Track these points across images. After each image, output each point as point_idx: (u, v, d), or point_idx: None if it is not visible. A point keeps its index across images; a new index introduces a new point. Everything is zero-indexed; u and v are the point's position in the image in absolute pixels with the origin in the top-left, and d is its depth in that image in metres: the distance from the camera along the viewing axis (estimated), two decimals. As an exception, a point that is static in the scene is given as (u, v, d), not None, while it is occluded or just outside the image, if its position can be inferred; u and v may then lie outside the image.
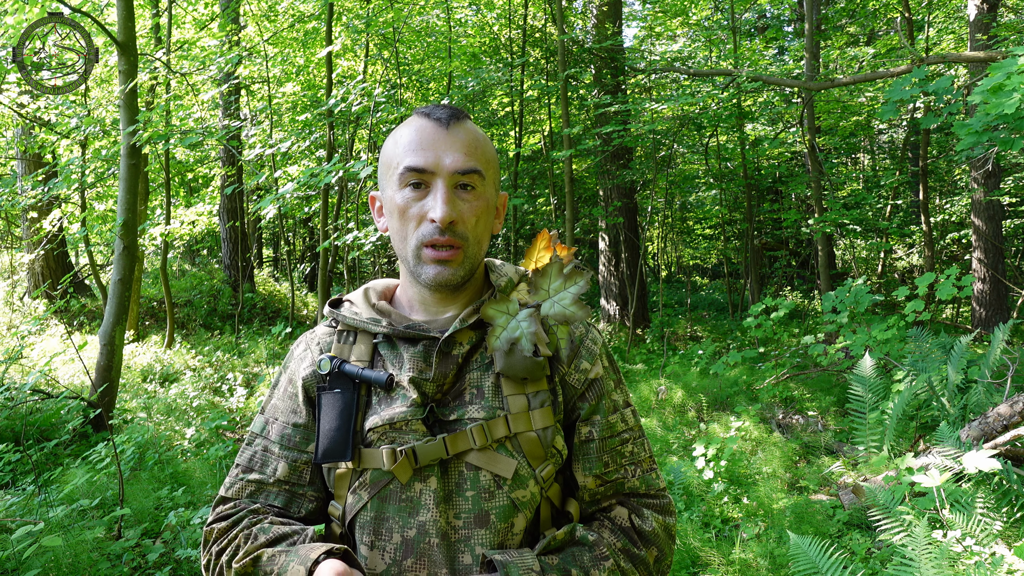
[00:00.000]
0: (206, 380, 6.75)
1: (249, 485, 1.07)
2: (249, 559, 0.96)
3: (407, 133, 1.01)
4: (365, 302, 1.11)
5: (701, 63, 12.18)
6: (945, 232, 12.19)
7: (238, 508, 1.06)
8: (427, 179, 0.99)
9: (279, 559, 0.95)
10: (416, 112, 1.04)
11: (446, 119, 1.00)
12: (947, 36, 10.75)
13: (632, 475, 1.06)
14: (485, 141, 1.04)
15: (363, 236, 4.95)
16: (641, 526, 1.03)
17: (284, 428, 1.08)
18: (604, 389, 1.07)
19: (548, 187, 12.17)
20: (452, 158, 0.98)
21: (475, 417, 0.99)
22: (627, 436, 1.07)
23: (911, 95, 3.88)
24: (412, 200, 0.99)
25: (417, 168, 0.98)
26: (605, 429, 1.05)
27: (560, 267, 1.09)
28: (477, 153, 1.01)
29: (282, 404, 1.10)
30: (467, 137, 1.01)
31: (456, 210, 0.98)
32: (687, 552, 3.36)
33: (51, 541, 2.52)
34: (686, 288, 13.91)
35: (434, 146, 0.99)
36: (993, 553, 2.96)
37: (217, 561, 1.00)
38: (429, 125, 1.00)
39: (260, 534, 0.99)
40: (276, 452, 1.07)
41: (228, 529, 1.02)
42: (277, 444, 1.07)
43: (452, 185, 0.99)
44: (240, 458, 1.10)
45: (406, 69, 9.84)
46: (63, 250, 9.14)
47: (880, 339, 4.98)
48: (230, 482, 1.08)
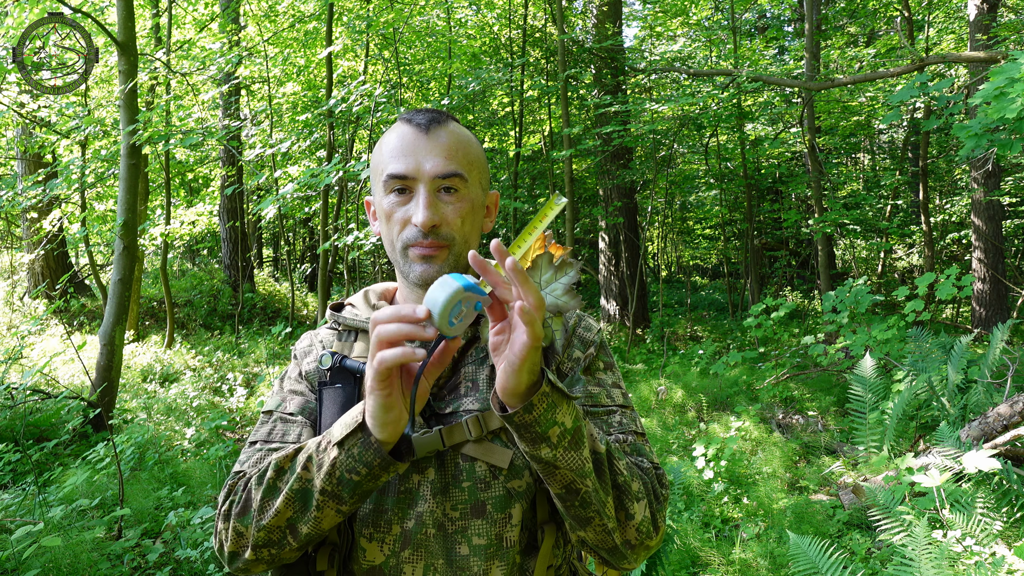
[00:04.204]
0: (206, 380, 6.75)
1: (270, 454, 1.04)
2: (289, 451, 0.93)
3: (391, 140, 1.04)
4: (365, 303, 1.15)
5: (701, 63, 12.18)
6: (945, 232, 12.19)
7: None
8: (409, 184, 1.01)
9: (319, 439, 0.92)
10: (400, 118, 1.06)
11: (425, 124, 1.02)
12: (947, 36, 10.75)
13: (624, 441, 1.04)
14: (468, 142, 1.05)
15: (363, 236, 4.95)
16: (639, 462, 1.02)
17: (305, 401, 1.09)
18: (590, 366, 1.09)
19: (548, 187, 12.17)
20: (432, 163, 1.00)
21: (470, 409, 1.01)
22: (614, 409, 1.06)
23: (911, 96, 3.88)
24: (396, 205, 1.02)
25: (398, 175, 1.01)
26: (587, 398, 1.06)
27: (550, 258, 1.10)
28: (458, 156, 1.02)
29: (296, 387, 1.12)
30: (448, 140, 1.02)
31: (439, 213, 1.00)
32: (687, 552, 3.36)
33: (50, 541, 2.52)
34: (686, 288, 13.90)
35: (415, 152, 1.01)
36: (993, 553, 2.96)
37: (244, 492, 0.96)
38: (410, 131, 1.02)
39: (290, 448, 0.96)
40: (298, 420, 1.07)
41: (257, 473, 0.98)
42: (299, 414, 1.07)
43: (434, 189, 1.01)
44: (256, 435, 1.07)
45: (406, 69, 9.84)
46: (63, 250, 9.14)
47: (880, 339, 4.98)
48: (245, 457, 1.05)
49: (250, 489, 0.95)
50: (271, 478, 0.93)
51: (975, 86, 6.63)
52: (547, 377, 0.84)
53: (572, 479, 0.88)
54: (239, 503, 0.96)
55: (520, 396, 0.83)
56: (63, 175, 6.10)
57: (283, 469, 0.93)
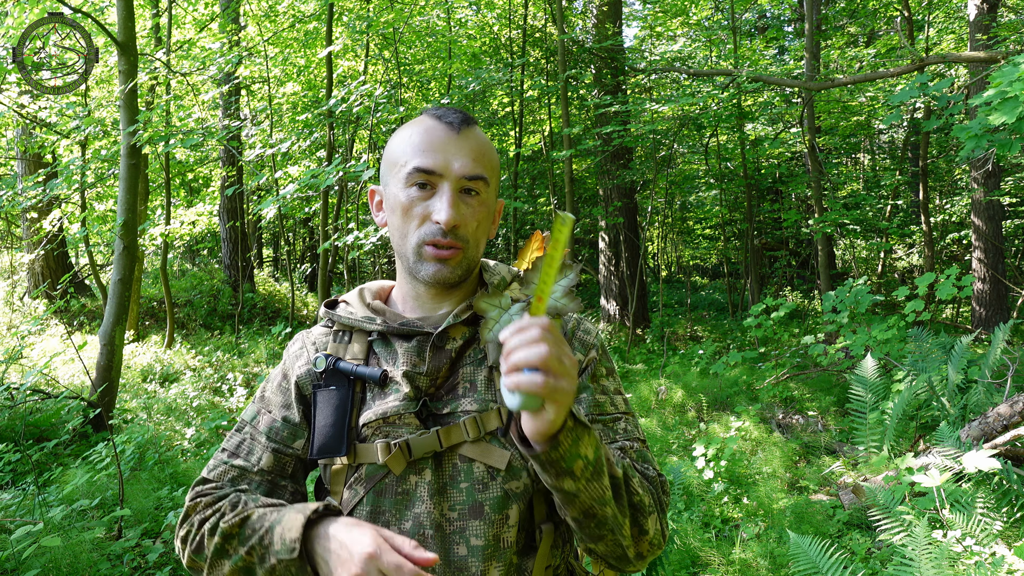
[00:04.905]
0: (206, 380, 6.75)
1: (232, 470, 1.07)
2: (238, 519, 0.96)
3: (417, 132, 1.03)
4: (360, 302, 1.13)
5: (701, 63, 12.17)
6: (945, 232, 12.18)
7: (221, 488, 1.05)
8: (434, 181, 1.00)
9: (270, 516, 0.95)
10: (427, 113, 1.06)
11: (458, 124, 1.02)
12: (947, 36, 10.74)
13: (630, 449, 1.05)
14: (491, 148, 1.06)
15: (363, 236, 4.95)
16: (645, 471, 1.03)
17: (273, 421, 1.09)
18: (595, 373, 1.09)
19: (548, 187, 12.17)
20: (461, 163, 1.00)
21: (468, 410, 1.01)
22: (618, 416, 1.07)
23: (911, 96, 3.88)
24: (417, 199, 1.01)
25: (426, 169, 1.00)
26: (593, 407, 1.06)
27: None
28: (484, 160, 1.03)
29: (275, 398, 1.11)
30: (476, 143, 1.03)
31: (460, 214, 1.00)
32: (687, 552, 3.36)
33: (50, 541, 2.52)
34: (686, 288, 13.89)
35: (444, 149, 1.00)
36: (993, 553, 2.96)
37: (199, 530, 0.99)
38: (440, 128, 1.02)
39: (250, 501, 1.00)
40: (262, 442, 1.08)
41: (214, 502, 1.02)
42: (264, 435, 1.08)
43: (458, 189, 1.01)
44: (227, 443, 1.10)
45: (407, 69, 9.84)
46: (63, 250, 9.14)
47: (880, 339, 4.98)
48: (214, 464, 1.08)
49: (204, 534, 0.98)
50: (219, 543, 0.96)
51: (975, 86, 6.63)
52: (571, 412, 0.84)
53: (591, 505, 0.89)
54: (194, 540, 0.99)
55: (548, 435, 0.83)
56: (63, 175, 6.09)
57: (231, 536, 0.95)
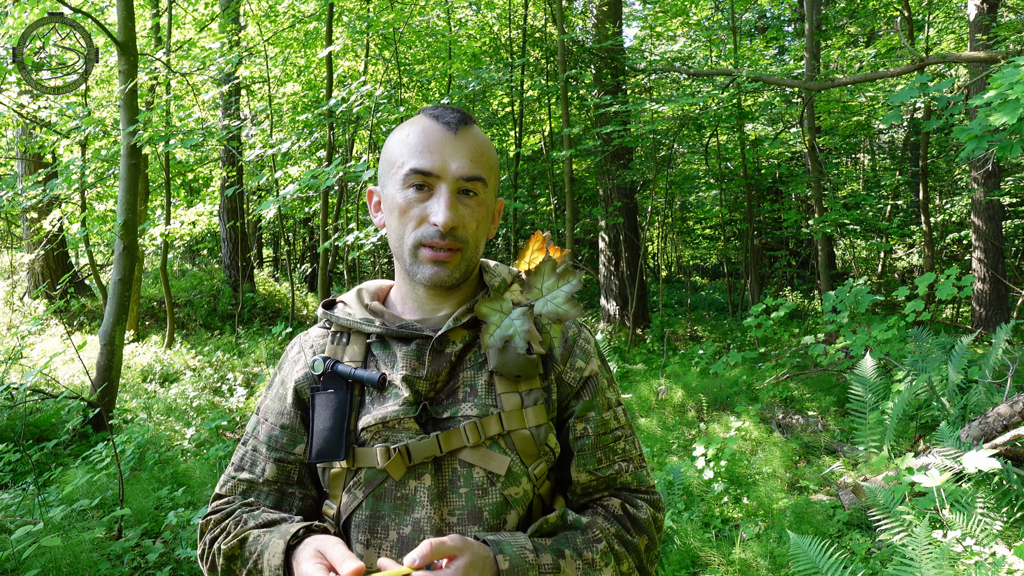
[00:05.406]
0: (206, 380, 6.75)
1: (241, 484, 1.08)
2: (236, 541, 0.99)
3: (414, 133, 1.01)
4: (358, 303, 1.12)
5: (701, 63, 12.17)
6: (945, 232, 12.18)
7: (232, 503, 1.08)
8: (431, 182, 0.99)
9: (263, 538, 0.97)
10: (424, 112, 1.04)
11: (455, 124, 1.01)
12: (947, 36, 10.74)
13: (625, 471, 1.07)
14: (490, 148, 1.05)
15: (363, 236, 4.95)
16: (636, 514, 1.04)
17: (272, 430, 1.09)
18: (599, 386, 1.08)
19: (548, 187, 12.18)
20: (458, 164, 0.99)
21: (468, 414, 1.00)
22: (620, 433, 1.09)
23: (911, 96, 3.88)
24: (414, 201, 1.00)
25: (423, 170, 0.98)
26: (600, 426, 1.06)
27: (553, 266, 1.10)
28: (482, 160, 1.01)
29: (273, 405, 1.11)
30: (474, 143, 1.01)
31: (458, 215, 0.99)
32: (687, 552, 3.36)
33: (50, 541, 2.52)
34: (686, 288, 13.89)
35: (441, 150, 0.99)
36: (993, 553, 2.96)
37: (210, 549, 1.03)
38: (438, 128, 1.00)
39: (249, 519, 1.02)
40: (264, 453, 1.08)
41: (222, 520, 1.05)
42: (264, 445, 1.09)
43: (455, 190, 0.99)
44: (235, 457, 1.12)
45: (407, 69, 9.84)
46: (63, 250, 9.14)
47: (880, 339, 4.98)
48: (224, 479, 1.11)
49: (214, 553, 1.02)
50: (224, 564, 0.99)
51: (975, 86, 6.63)
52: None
53: None
54: (207, 558, 1.03)
55: None
56: (63, 175, 6.09)
57: (234, 557, 0.99)
